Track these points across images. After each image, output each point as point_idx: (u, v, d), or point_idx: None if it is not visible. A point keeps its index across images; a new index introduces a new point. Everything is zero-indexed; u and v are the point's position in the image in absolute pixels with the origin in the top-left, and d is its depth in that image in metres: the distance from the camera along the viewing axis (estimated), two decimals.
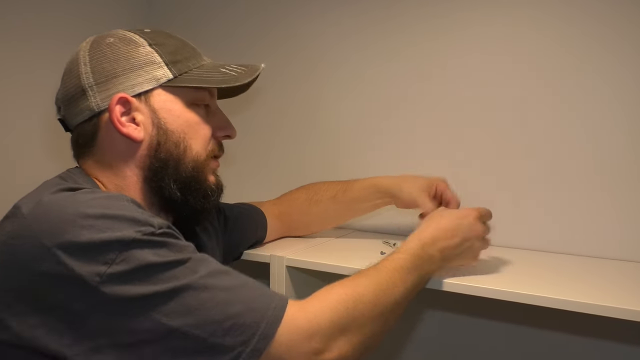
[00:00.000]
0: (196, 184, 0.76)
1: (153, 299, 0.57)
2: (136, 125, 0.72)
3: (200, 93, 0.76)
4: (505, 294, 0.78)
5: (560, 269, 0.94)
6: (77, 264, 0.56)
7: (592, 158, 1.03)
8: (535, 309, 0.77)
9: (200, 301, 0.58)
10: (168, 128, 0.73)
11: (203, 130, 0.77)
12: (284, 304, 0.61)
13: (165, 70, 0.73)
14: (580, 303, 0.74)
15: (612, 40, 1.00)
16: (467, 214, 0.84)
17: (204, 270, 0.60)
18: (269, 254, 0.99)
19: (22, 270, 0.59)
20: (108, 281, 0.56)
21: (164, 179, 0.74)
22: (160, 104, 0.73)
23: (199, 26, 1.42)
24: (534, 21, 1.06)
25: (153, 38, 0.75)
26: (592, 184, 1.03)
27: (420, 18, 1.16)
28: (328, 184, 1.08)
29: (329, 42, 1.27)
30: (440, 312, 1.21)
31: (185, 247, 0.62)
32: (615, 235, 1.01)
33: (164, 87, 0.73)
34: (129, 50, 0.73)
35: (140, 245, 0.58)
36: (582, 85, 1.02)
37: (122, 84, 0.72)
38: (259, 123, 1.38)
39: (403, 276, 0.72)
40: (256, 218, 1.05)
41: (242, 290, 0.61)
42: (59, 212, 0.60)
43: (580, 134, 1.03)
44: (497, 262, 0.96)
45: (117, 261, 0.57)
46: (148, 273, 0.57)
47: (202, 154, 0.76)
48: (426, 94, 1.17)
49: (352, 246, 1.09)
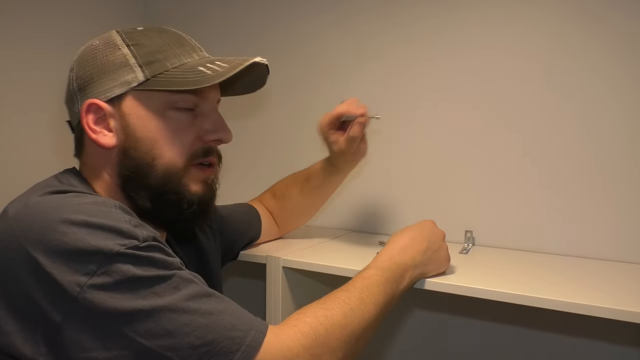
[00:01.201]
0: (168, 194, 0.71)
1: (131, 316, 0.55)
2: (108, 132, 0.70)
3: (179, 95, 0.71)
4: (500, 295, 0.78)
5: (557, 270, 0.93)
6: (57, 272, 0.55)
7: (590, 159, 1.02)
8: (531, 310, 0.77)
9: (178, 324, 0.56)
10: (137, 135, 0.70)
11: (181, 136, 0.72)
12: (261, 334, 0.59)
13: (137, 73, 0.69)
14: (576, 304, 0.73)
15: (609, 39, 0.99)
16: (424, 223, 0.88)
17: (186, 291, 0.58)
18: (265, 255, 0.98)
19: (2, 274, 0.58)
20: (88, 292, 0.55)
21: (134, 188, 0.71)
22: (130, 109, 0.70)
23: (195, 24, 1.42)
24: (532, 20, 1.05)
25: (135, 38, 0.72)
26: (591, 185, 1.03)
27: (417, 17, 1.16)
28: (287, 180, 1.10)
29: (327, 42, 1.27)
30: (435, 313, 1.21)
31: (170, 263, 0.60)
32: (612, 236, 1.01)
33: (136, 91, 0.70)
34: (106, 54, 0.70)
35: (123, 259, 0.56)
36: (581, 85, 1.02)
37: (96, 89, 0.70)
38: (256, 122, 1.38)
39: (373, 293, 0.71)
40: (251, 217, 1.05)
41: (222, 317, 0.59)
42: (42, 217, 0.58)
43: (578, 134, 1.03)
44: (494, 262, 0.95)
45: (99, 273, 0.55)
46: (129, 288, 0.56)
47: (178, 162, 0.71)
48: (424, 92, 1.17)
49: (348, 247, 1.09)
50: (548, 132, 1.06)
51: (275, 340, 0.60)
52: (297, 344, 0.60)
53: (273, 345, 0.59)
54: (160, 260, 0.59)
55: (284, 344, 0.60)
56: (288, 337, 0.61)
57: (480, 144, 1.12)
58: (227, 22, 1.40)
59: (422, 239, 0.83)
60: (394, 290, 0.75)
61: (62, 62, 1.23)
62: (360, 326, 0.67)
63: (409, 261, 0.79)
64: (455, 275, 0.86)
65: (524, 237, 1.09)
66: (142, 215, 0.71)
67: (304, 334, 0.62)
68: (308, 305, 0.67)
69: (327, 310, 0.66)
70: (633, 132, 0.99)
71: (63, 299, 0.55)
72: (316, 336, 0.62)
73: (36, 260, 0.56)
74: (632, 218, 1.00)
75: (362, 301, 0.69)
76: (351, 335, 0.66)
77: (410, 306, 1.24)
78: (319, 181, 1.05)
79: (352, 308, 0.68)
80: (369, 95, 1.23)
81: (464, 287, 0.81)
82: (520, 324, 1.12)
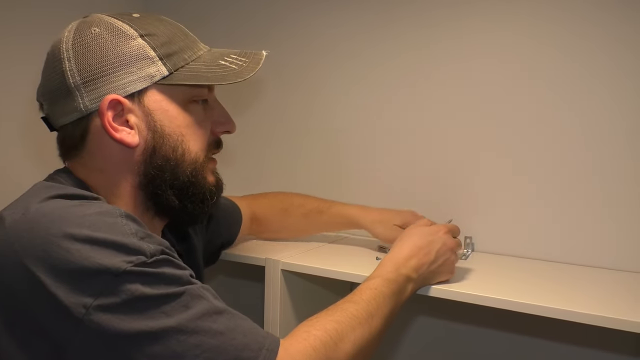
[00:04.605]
0: (195, 189, 0.70)
1: (139, 338, 0.53)
2: (129, 129, 0.66)
3: (198, 89, 0.70)
4: (500, 302, 0.78)
5: (556, 278, 0.93)
6: (62, 292, 0.52)
7: (590, 166, 1.02)
8: (530, 318, 0.77)
9: (187, 347, 0.54)
10: (165, 131, 0.67)
11: (201, 129, 0.71)
12: (272, 353, 0.57)
13: (159, 66, 0.66)
14: (575, 312, 0.73)
15: (610, 45, 0.99)
16: (437, 230, 0.85)
17: (196, 310, 0.56)
18: (264, 257, 0.98)
19: (1, 291, 0.55)
20: (94, 314, 0.52)
21: (161, 186, 0.68)
22: (155, 105, 0.67)
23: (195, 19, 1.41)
24: (531, 27, 1.05)
25: (144, 27, 0.67)
26: (590, 193, 1.02)
27: (421, 24, 1.16)
28: (304, 199, 1.09)
29: (328, 43, 1.27)
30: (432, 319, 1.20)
31: (179, 277, 0.57)
32: (612, 244, 1.01)
33: (159, 85, 0.67)
34: (118, 44, 0.65)
35: (130, 278, 0.53)
36: (581, 91, 1.02)
37: (113, 83, 0.64)
38: (256, 120, 1.38)
39: (380, 305, 0.71)
40: (233, 214, 1.02)
41: (232, 336, 0.56)
42: (44, 232, 0.54)
43: (578, 141, 1.03)
44: (492, 270, 0.95)
45: (105, 293, 0.52)
46: (137, 308, 0.53)
47: (201, 155, 0.71)
48: (424, 98, 1.17)
49: (348, 251, 1.09)
50: (548, 139, 1.05)
51: (285, 356, 0.58)
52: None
53: None
54: (170, 275, 0.56)
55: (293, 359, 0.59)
56: (299, 353, 0.59)
57: (480, 151, 1.12)
58: (228, 22, 1.39)
59: (429, 250, 0.81)
60: (398, 302, 0.75)
61: None
62: (368, 340, 0.67)
63: (412, 274, 0.78)
64: (454, 282, 0.85)
65: (523, 244, 1.08)
66: (163, 212, 0.71)
67: (315, 349, 0.61)
68: (317, 317, 0.66)
69: (337, 323, 0.65)
70: (633, 139, 0.98)
71: (68, 321, 0.52)
72: (326, 351, 0.61)
73: (39, 280, 0.53)
74: (632, 226, 0.99)
75: (370, 314, 0.69)
76: (361, 349, 0.65)
77: (409, 312, 1.24)
78: (331, 220, 1.06)
79: (360, 322, 0.67)
80: (369, 101, 1.23)
81: (462, 293, 0.81)
82: (518, 331, 1.11)
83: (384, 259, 0.80)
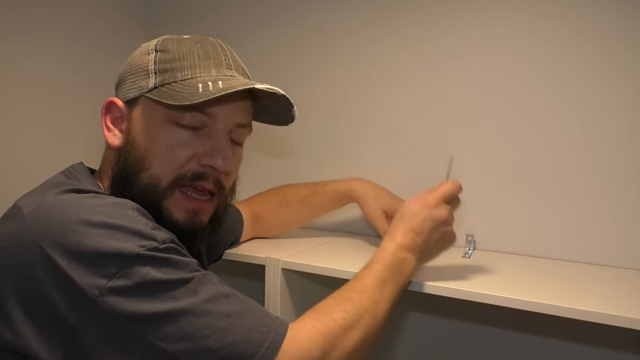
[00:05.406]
0: (153, 212, 0.67)
1: (150, 320, 0.55)
2: (119, 132, 0.72)
3: (176, 111, 0.68)
4: (501, 300, 0.78)
5: (557, 276, 0.93)
6: (77, 274, 0.54)
7: (591, 164, 1.02)
8: (532, 316, 0.77)
9: (198, 327, 0.56)
10: (135, 142, 0.69)
11: (174, 153, 0.68)
12: (280, 335, 0.59)
13: (150, 79, 0.69)
14: (576, 310, 0.73)
15: (609, 42, 0.99)
16: (424, 205, 0.79)
17: (205, 293, 0.58)
18: (264, 256, 0.98)
19: (19, 275, 0.57)
20: (107, 295, 0.54)
21: (123, 192, 0.69)
22: (139, 115, 0.70)
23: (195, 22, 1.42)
24: (531, 24, 1.05)
25: (166, 44, 0.71)
26: (591, 190, 1.02)
27: (421, 19, 1.16)
28: (297, 187, 1.09)
29: (328, 41, 1.27)
30: (434, 317, 1.20)
31: (188, 264, 0.60)
32: (613, 242, 1.01)
33: (147, 98, 0.69)
34: (138, 56, 0.73)
35: (142, 261, 0.56)
36: (582, 90, 1.02)
37: (122, 89, 0.73)
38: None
39: (383, 291, 0.71)
40: (235, 218, 1.04)
41: (241, 318, 0.59)
42: (61, 217, 0.58)
43: (579, 139, 1.03)
44: (494, 267, 0.95)
45: (118, 275, 0.55)
46: (148, 291, 0.55)
47: (163, 179, 0.68)
48: (425, 96, 1.16)
49: (348, 249, 1.08)
50: (549, 137, 1.05)
51: (293, 343, 0.60)
52: (315, 347, 0.61)
53: (291, 347, 0.59)
54: (179, 261, 0.59)
55: (302, 346, 0.60)
56: (307, 339, 0.61)
57: (481, 149, 1.11)
58: (225, 20, 1.39)
59: (421, 230, 0.78)
60: (400, 286, 0.75)
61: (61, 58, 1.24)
62: (374, 327, 0.68)
63: (409, 254, 0.77)
64: (456, 280, 0.85)
65: (525, 242, 1.08)
66: None
67: (323, 335, 0.62)
68: (324, 303, 0.68)
69: (345, 312, 0.66)
70: (634, 137, 0.98)
71: (81, 302, 0.54)
72: (334, 338, 0.62)
73: (55, 262, 0.55)
74: (633, 223, 0.99)
75: (374, 301, 0.69)
76: (367, 336, 0.67)
77: (410, 308, 1.23)
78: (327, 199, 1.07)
79: (367, 309, 0.68)
80: (367, 98, 1.23)
81: (464, 291, 0.81)
82: (520, 329, 1.11)
83: (382, 243, 0.80)
